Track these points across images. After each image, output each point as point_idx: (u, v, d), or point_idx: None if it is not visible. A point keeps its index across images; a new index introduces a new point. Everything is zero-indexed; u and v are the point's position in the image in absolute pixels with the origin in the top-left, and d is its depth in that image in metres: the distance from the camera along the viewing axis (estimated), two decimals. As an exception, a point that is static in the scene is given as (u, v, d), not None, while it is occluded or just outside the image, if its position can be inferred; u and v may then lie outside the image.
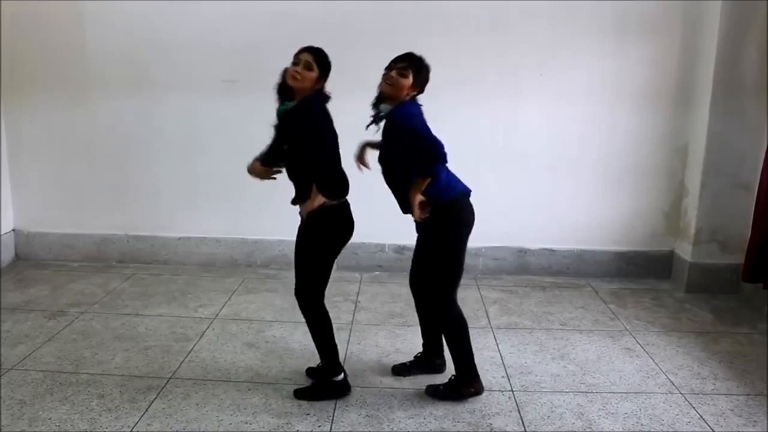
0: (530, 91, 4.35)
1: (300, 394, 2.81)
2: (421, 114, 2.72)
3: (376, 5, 4.22)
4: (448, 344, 2.86)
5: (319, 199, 2.58)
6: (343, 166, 2.71)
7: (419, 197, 2.63)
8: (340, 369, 2.82)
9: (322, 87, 2.66)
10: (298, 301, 2.76)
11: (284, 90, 2.67)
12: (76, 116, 4.52)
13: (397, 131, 2.67)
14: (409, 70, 2.66)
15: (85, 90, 4.48)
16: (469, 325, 3.65)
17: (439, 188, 2.68)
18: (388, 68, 2.71)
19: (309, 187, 2.59)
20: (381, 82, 2.72)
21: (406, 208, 2.75)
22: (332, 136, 2.64)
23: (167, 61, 4.40)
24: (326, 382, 2.82)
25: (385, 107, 2.71)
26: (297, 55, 2.65)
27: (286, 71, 2.65)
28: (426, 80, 2.75)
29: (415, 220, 2.73)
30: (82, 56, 4.42)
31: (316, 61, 2.61)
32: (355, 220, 2.77)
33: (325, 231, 2.67)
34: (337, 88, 2.70)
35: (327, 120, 2.62)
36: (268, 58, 4.33)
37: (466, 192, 2.78)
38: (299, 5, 4.25)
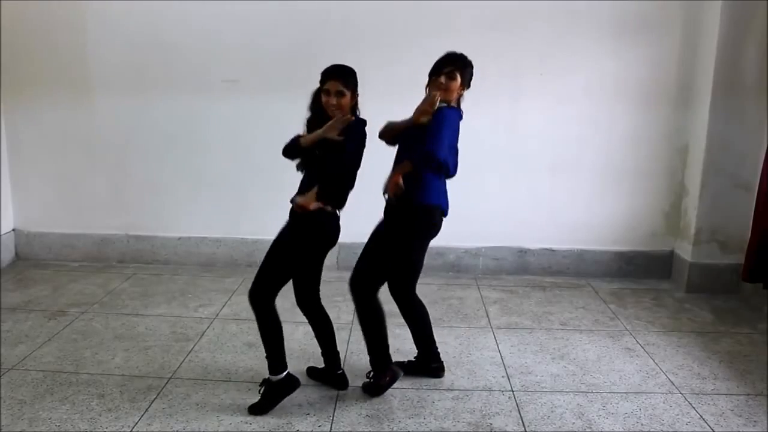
0: (530, 92, 4.35)
1: (253, 410, 2.69)
2: (457, 123, 2.78)
3: (376, 5, 4.22)
4: (364, 336, 2.85)
5: (313, 202, 2.57)
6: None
7: (399, 178, 2.66)
8: (282, 368, 2.72)
9: (357, 100, 2.71)
10: (254, 299, 2.68)
11: (319, 111, 2.68)
12: (77, 116, 4.53)
13: (438, 117, 2.70)
14: (456, 73, 2.74)
15: (85, 90, 4.48)
16: (469, 325, 3.68)
17: (426, 190, 2.73)
18: (436, 73, 2.76)
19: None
20: (430, 88, 2.76)
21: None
22: (359, 162, 2.70)
23: (167, 61, 4.40)
24: (269, 384, 2.72)
25: (440, 105, 2.76)
26: (324, 83, 2.65)
27: (318, 94, 2.67)
28: (471, 76, 2.83)
29: (386, 209, 2.80)
30: (83, 56, 4.43)
31: (344, 85, 2.63)
32: (357, 219, 2.78)
33: (313, 234, 2.68)
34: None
35: (363, 146, 2.69)
36: (268, 58, 4.39)
37: (443, 210, 2.82)
38: (299, 5, 4.25)
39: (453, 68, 2.74)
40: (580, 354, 3.33)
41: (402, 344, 3.35)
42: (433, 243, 2.91)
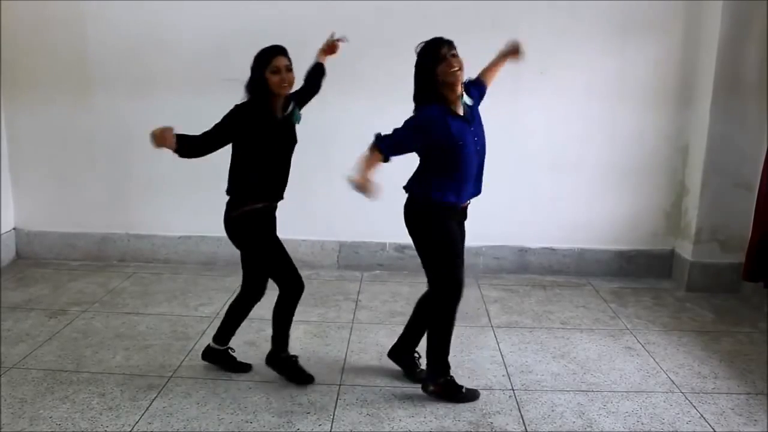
0: (531, 91, 4.34)
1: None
2: None
3: (376, 5, 4.21)
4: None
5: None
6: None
7: None
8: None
9: None
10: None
11: (266, 95, 2.80)
12: (77, 115, 4.52)
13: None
14: (454, 48, 2.66)
15: (85, 89, 4.48)
16: (470, 324, 3.68)
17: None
18: (443, 58, 2.59)
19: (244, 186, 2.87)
20: (452, 72, 2.61)
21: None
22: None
23: (167, 59, 4.40)
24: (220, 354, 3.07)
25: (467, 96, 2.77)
26: (274, 62, 2.75)
27: (267, 80, 2.78)
28: None
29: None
30: (83, 55, 4.42)
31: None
32: (355, 218, 2.78)
33: (253, 232, 2.88)
34: (336, 86, 2.70)
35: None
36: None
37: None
38: (299, 5, 4.25)
39: (451, 46, 2.65)
40: (581, 353, 3.34)
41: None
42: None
